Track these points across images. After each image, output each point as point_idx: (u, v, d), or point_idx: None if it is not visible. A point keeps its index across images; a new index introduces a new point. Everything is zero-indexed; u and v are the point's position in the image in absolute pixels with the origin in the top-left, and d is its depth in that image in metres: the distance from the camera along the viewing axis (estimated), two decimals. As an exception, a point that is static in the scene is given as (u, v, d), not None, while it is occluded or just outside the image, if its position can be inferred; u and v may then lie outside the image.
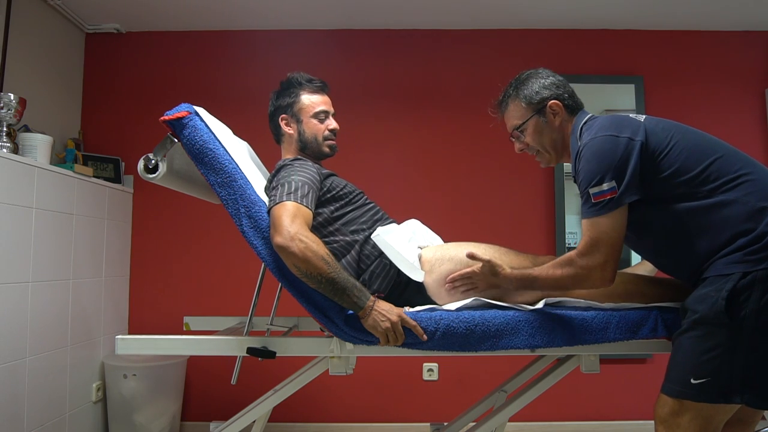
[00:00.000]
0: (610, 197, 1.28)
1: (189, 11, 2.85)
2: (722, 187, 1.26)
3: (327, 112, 1.76)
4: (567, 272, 1.34)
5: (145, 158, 1.52)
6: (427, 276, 1.52)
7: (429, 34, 3.06)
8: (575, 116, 1.49)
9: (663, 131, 1.32)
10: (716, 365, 1.21)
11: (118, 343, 1.49)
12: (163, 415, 2.60)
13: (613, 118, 1.36)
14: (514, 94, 1.54)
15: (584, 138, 1.37)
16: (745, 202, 1.24)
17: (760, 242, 1.21)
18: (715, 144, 1.33)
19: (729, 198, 1.25)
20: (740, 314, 1.19)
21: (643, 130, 1.31)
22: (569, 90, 1.51)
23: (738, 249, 1.23)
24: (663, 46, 3.04)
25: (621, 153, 1.28)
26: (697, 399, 1.22)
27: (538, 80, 1.51)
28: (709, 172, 1.27)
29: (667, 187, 1.30)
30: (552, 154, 1.53)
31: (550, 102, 1.48)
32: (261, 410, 1.66)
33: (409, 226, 1.69)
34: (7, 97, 2.14)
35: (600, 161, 1.29)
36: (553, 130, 1.49)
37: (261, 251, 1.44)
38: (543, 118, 1.49)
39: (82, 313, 2.49)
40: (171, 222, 2.95)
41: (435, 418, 2.74)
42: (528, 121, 1.51)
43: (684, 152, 1.29)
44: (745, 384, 1.19)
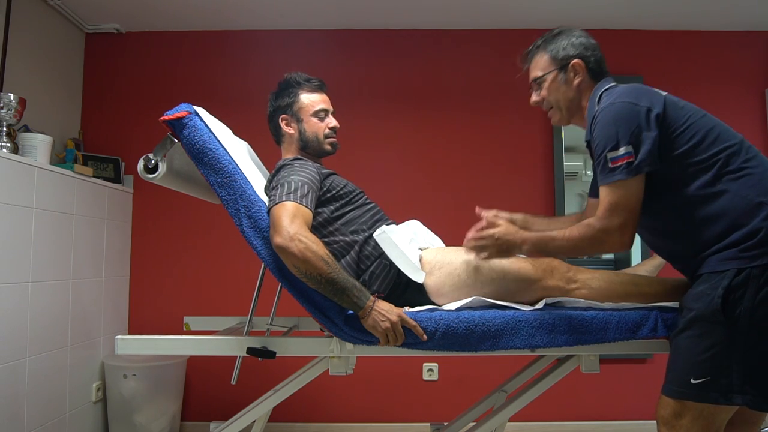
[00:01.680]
0: (627, 161, 1.27)
1: (189, 11, 2.85)
2: (726, 176, 1.26)
3: (327, 110, 1.76)
4: (585, 234, 1.32)
5: (145, 158, 1.52)
6: (428, 277, 1.52)
7: (429, 34, 3.06)
8: (597, 82, 1.48)
9: (682, 109, 1.31)
10: (715, 364, 1.21)
11: (118, 343, 1.49)
12: (163, 415, 2.60)
13: (635, 87, 1.35)
14: (542, 46, 1.53)
15: (603, 103, 1.36)
16: (745, 195, 1.24)
17: (753, 238, 1.21)
18: (729, 133, 1.31)
19: (730, 188, 1.25)
20: (736, 312, 1.19)
21: (662, 103, 1.30)
22: (597, 55, 1.49)
23: (732, 244, 1.23)
24: (663, 46, 3.04)
25: (638, 120, 1.27)
26: (697, 399, 1.22)
27: (568, 38, 1.50)
28: (717, 159, 1.26)
29: (675, 167, 1.29)
30: (564, 113, 1.51)
31: (574, 61, 1.47)
32: (261, 410, 1.66)
33: (409, 226, 1.69)
34: (7, 97, 2.14)
35: (617, 126, 1.28)
36: (570, 89, 1.48)
37: (261, 251, 1.44)
38: (564, 74, 1.48)
39: (82, 313, 2.49)
40: (171, 222, 2.95)
41: (435, 418, 2.74)
42: (548, 74, 1.50)
43: (698, 134, 1.28)
44: (746, 383, 1.18)
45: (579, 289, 1.49)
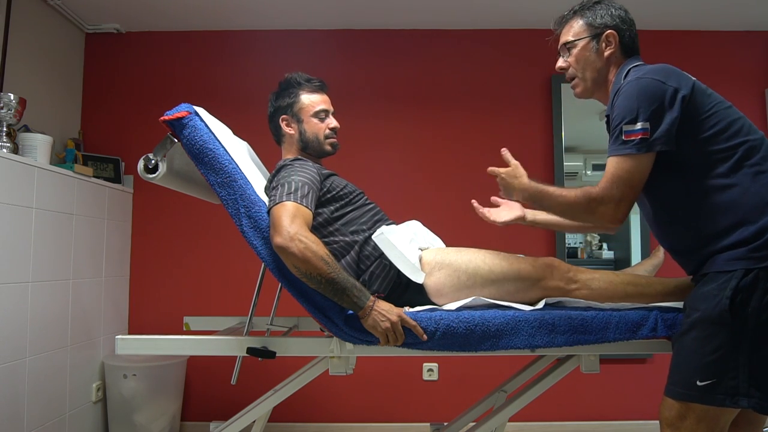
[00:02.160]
0: (641, 137, 1.25)
1: (189, 11, 2.85)
2: (742, 170, 1.24)
3: (327, 110, 1.76)
4: (580, 198, 1.32)
5: (145, 158, 1.52)
6: (427, 278, 1.52)
7: (429, 34, 3.06)
8: (627, 58, 1.45)
9: (709, 97, 1.30)
10: (722, 366, 1.19)
11: (118, 343, 1.49)
12: (163, 415, 2.60)
13: (665, 67, 1.33)
14: (580, 12, 1.49)
15: (630, 77, 1.33)
16: (757, 192, 1.22)
17: (761, 238, 1.19)
18: (752, 128, 1.30)
19: (744, 182, 1.23)
20: (743, 313, 1.18)
21: (690, 86, 1.28)
22: (633, 31, 1.47)
23: (740, 243, 1.21)
24: (663, 46, 3.04)
25: (663, 99, 1.25)
26: (703, 401, 1.20)
27: (607, 8, 1.47)
28: (737, 151, 1.25)
29: (693, 154, 1.27)
30: (588, 84, 1.47)
31: (608, 31, 1.44)
32: (261, 410, 1.66)
33: (409, 227, 1.69)
34: (7, 97, 2.14)
35: (639, 100, 1.26)
36: (600, 59, 1.45)
37: (261, 251, 1.44)
38: (596, 43, 1.45)
39: (82, 313, 2.49)
40: (171, 222, 2.95)
41: (435, 418, 2.75)
42: (580, 40, 1.46)
43: (722, 123, 1.26)
44: (752, 386, 1.17)
45: (579, 290, 1.49)
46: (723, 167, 1.25)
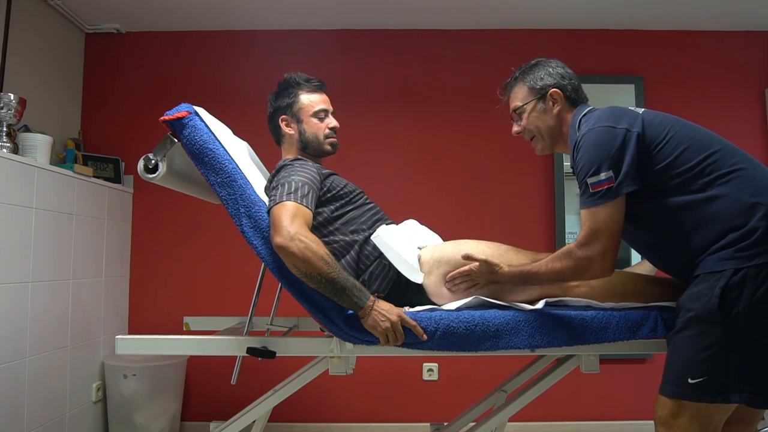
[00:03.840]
0: (607, 186, 1.29)
1: (189, 11, 2.85)
2: (716, 182, 1.27)
3: (326, 110, 1.76)
4: (566, 264, 1.35)
5: (145, 158, 1.52)
6: (426, 277, 1.52)
7: (429, 34, 3.06)
8: (576, 108, 1.50)
9: (660, 124, 1.33)
10: (713, 364, 1.21)
11: (118, 343, 1.49)
12: (163, 415, 2.60)
13: (611, 110, 1.37)
14: (521, 77, 1.56)
15: (582, 129, 1.38)
16: (738, 198, 1.25)
17: (750, 238, 1.21)
18: (712, 138, 1.33)
19: (722, 192, 1.26)
20: (733, 311, 1.20)
21: (640, 121, 1.32)
22: (574, 83, 1.52)
23: (729, 245, 1.23)
24: (663, 46, 3.04)
25: (618, 144, 1.29)
26: (695, 399, 1.22)
27: (545, 68, 1.54)
28: (704, 166, 1.28)
29: (662, 180, 1.30)
30: (547, 141, 1.54)
31: (551, 90, 1.50)
32: (261, 410, 1.66)
33: (407, 226, 1.69)
34: (7, 97, 2.14)
35: (598, 152, 1.31)
36: (550, 117, 1.51)
37: (261, 251, 1.44)
38: (542, 104, 1.51)
39: (82, 313, 2.49)
40: (171, 222, 2.95)
41: (435, 418, 2.75)
42: (527, 104, 1.53)
43: (681, 145, 1.30)
44: (743, 382, 1.19)
45: (579, 287, 1.49)
46: (697, 183, 1.28)
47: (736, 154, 1.30)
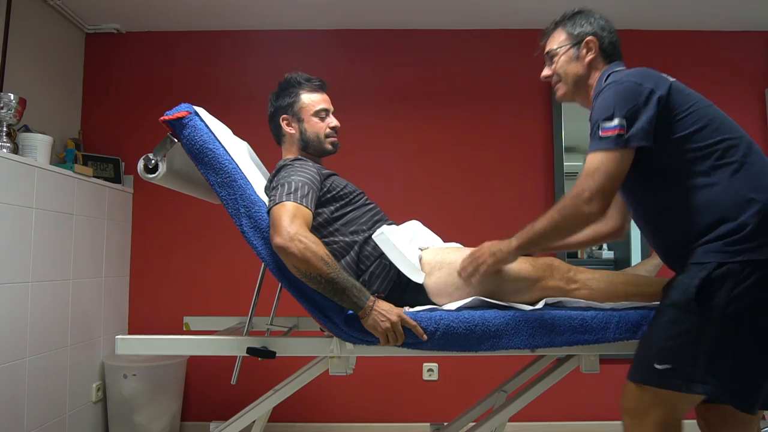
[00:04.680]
0: (617, 133, 1.27)
1: (189, 11, 2.85)
2: (722, 168, 1.26)
3: (327, 110, 1.77)
4: (561, 207, 1.32)
5: (145, 158, 1.52)
6: (427, 278, 1.52)
7: (429, 34, 3.06)
8: (609, 63, 1.49)
9: (688, 96, 1.32)
10: (681, 352, 1.21)
11: (118, 343, 1.49)
12: (163, 415, 2.60)
13: (642, 70, 1.36)
14: (561, 22, 1.55)
15: (609, 81, 1.38)
16: (737, 190, 1.24)
17: (739, 233, 1.21)
18: (732, 126, 1.31)
19: (724, 180, 1.25)
20: (710, 304, 1.20)
21: (667, 86, 1.31)
22: (613, 38, 1.51)
23: (718, 237, 1.23)
24: (663, 46, 3.04)
25: (641, 100, 1.28)
26: (659, 385, 1.23)
27: (587, 17, 1.52)
28: (716, 149, 1.27)
29: (674, 153, 1.29)
30: (570, 87, 1.51)
31: (588, 37, 1.48)
32: (261, 410, 1.66)
33: (409, 227, 1.69)
34: (7, 97, 2.14)
35: (617, 99, 1.29)
36: (581, 65, 1.49)
37: (261, 251, 1.44)
38: (576, 50, 1.50)
39: (82, 313, 2.49)
40: (171, 222, 2.95)
41: (435, 418, 2.74)
42: (561, 48, 1.51)
43: (700, 121, 1.28)
44: (708, 373, 1.19)
45: (579, 290, 1.49)
46: (702, 166, 1.27)
47: (751, 147, 1.29)
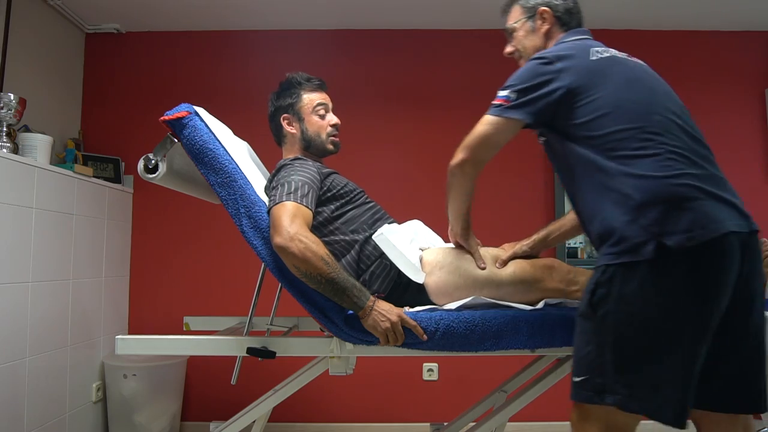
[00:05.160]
0: (500, 103, 1.30)
1: (189, 11, 2.85)
2: (611, 161, 1.20)
3: (325, 104, 1.77)
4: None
5: (145, 158, 1.52)
6: (428, 277, 1.51)
7: (429, 34, 3.06)
8: (567, 32, 1.46)
9: (602, 78, 1.26)
10: (591, 362, 1.18)
11: (118, 343, 1.49)
12: (163, 415, 2.60)
13: (569, 46, 1.34)
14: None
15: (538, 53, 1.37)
16: (618, 188, 1.18)
17: (618, 235, 1.16)
18: (637, 113, 1.22)
19: (610, 174, 1.20)
20: (602, 310, 1.16)
21: (582, 69, 1.27)
22: (569, 5, 1.48)
23: (604, 237, 1.19)
24: (663, 46, 3.04)
25: (539, 78, 1.28)
26: (578, 398, 1.20)
27: None
28: (609, 140, 1.21)
29: (575, 140, 1.26)
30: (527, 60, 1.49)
31: (541, 8, 1.48)
32: (261, 410, 1.66)
33: (410, 226, 1.69)
34: (7, 97, 2.14)
35: (521, 72, 1.31)
36: (538, 37, 1.49)
37: (261, 251, 1.44)
38: (532, 22, 1.50)
39: (82, 313, 2.49)
40: (171, 222, 2.95)
41: (435, 418, 2.74)
42: (518, 23, 1.52)
43: (602, 108, 1.23)
44: (618, 382, 1.14)
45: (579, 291, 1.47)
46: (597, 157, 1.22)
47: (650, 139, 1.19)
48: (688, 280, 1.11)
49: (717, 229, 1.11)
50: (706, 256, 1.11)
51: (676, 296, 1.11)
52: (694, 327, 1.11)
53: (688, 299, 1.11)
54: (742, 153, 2.99)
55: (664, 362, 1.12)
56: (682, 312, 1.11)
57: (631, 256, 1.13)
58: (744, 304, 1.16)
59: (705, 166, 1.19)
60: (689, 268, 1.11)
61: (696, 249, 1.10)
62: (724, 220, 1.12)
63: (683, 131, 1.23)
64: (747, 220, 1.17)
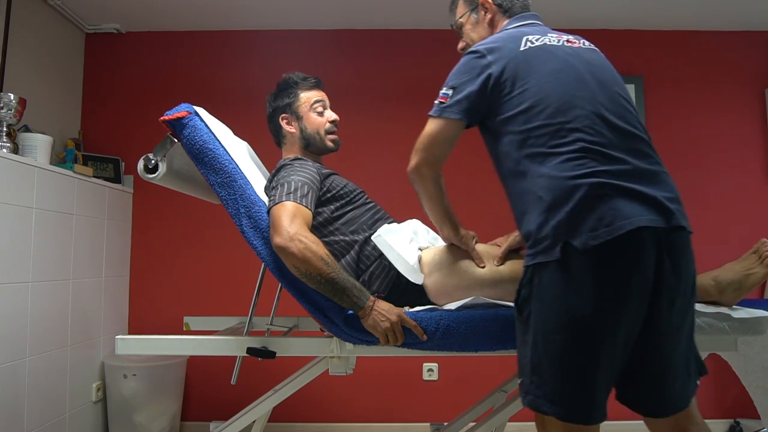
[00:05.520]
0: (439, 102, 1.31)
1: (189, 11, 2.85)
2: (529, 158, 1.18)
3: (323, 101, 1.77)
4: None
5: (145, 158, 1.52)
6: (427, 278, 1.51)
7: (429, 34, 3.06)
8: (510, 18, 1.43)
9: (530, 70, 1.22)
10: (520, 363, 1.18)
11: (118, 343, 1.49)
12: (163, 415, 2.60)
13: (502, 36, 1.32)
14: None
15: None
16: (530, 187, 1.17)
17: (532, 237, 1.16)
18: (562, 109, 1.17)
19: (529, 172, 1.18)
20: (526, 310, 1.17)
21: (508, 60, 1.24)
22: None
23: (528, 240, 1.18)
24: (663, 46, 3.04)
25: (471, 72, 1.27)
26: (524, 404, 1.18)
27: None
28: (530, 135, 1.18)
29: (501, 135, 1.26)
30: None
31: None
32: (261, 410, 1.66)
33: (410, 226, 1.69)
34: (7, 97, 2.14)
35: (457, 68, 1.31)
36: (483, 27, 1.48)
37: (261, 251, 1.44)
38: (476, 14, 1.49)
39: (82, 313, 2.49)
40: (171, 222, 2.95)
41: (435, 418, 2.74)
42: (463, 17, 1.52)
43: (526, 102, 1.20)
44: (533, 383, 1.13)
45: None
46: (518, 153, 1.20)
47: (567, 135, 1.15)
48: (595, 279, 1.08)
49: (623, 226, 1.06)
50: (613, 253, 1.07)
51: (583, 296, 1.08)
52: (602, 326, 1.08)
53: (595, 298, 1.07)
54: (742, 153, 2.99)
55: (573, 363, 1.10)
56: (590, 311, 1.08)
57: (544, 257, 1.12)
58: (665, 302, 1.11)
59: (629, 160, 1.14)
60: (596, 266, 1.08)
61: (602, 247, 1.07)
62: (634, 216, 1.08)
63: (608, 125, 1.17)
64: (666, 216, 1.10)
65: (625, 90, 1.28)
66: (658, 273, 1.09)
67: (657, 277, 1.09)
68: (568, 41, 1.31)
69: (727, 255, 1.68)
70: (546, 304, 1.12)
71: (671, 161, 3.36)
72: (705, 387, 2.89)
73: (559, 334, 1.10)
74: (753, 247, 1.49)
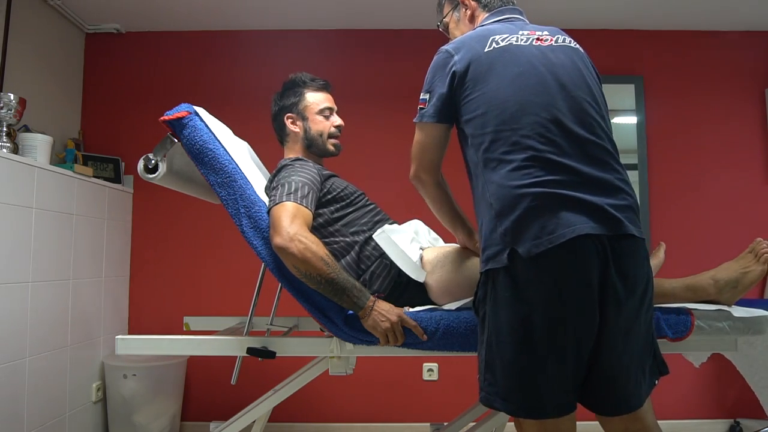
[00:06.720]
0: (420, 107, 1.31)
1: (189, 11, 2.85)
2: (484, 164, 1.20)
3: (331, 108, 1.79)
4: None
5: (145, 158, 1.52)
6: (429, 276, 1.51)
7: (429, 34, 3.05)
8: (490, 12, 1.43)
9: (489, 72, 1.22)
10: (480, 362, 1.21)
11: (118, 343, 1.49)
12: (163, 415, 2.60)
13: (467, 37, 1.30)
14: None
15: None
16: (482, 194, 1.21)
17: (487, 243, 1.18)
18: (513, 114, 1.17)
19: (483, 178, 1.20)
20: (481, 311, 1.21)
21: (468, 62, 1.23)
22: None
23: (482, 245, 1.21)
24: (663, 46, 3.04)
25: (440, 73, 1.28)
26: (479, 400, 1.20)
27: None
28: (481, 141, 1.20)
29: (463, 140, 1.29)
30: None
31: None
32: (261, 410, 1.66)
33: (411, 226, 1.69)
34: (7, 97, 2.14)
35: (429, 70, 1.32)
36: (465, 24, 1.48)
37: (261, 251, 1.44)
38: (458, 12, 1.49)
39: (82, 313, 2.49)
40: (171, 222, 2.95)
41: (435, 418, 2.74)
42: (447, 16, 1.52)
43: (481, 107, 1.21)
44: (486, 381, 1.17)
45: None
46: (477, 159, 1.22)
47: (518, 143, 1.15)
48: (538, 285, 1.11)
49: (564, 234, 1.08)
50: (554, 261, 1.10)
51: (528, 301, 1.11)
52: (545, 330, 1.11)
53: (538, 304, 1.10)
54: (742, 153, 2.99)
55: (520, 363, 1.13)
56: (534, 316, 1.11)
57: (494, 263, 1.15)
58: (612, 306, 1.12)
59: (579, 168, 1.14)
60: (539, 273, 1.10)
61: (544, 255, 1.09)
62: (576, 225, 1.09)
63: (563, 132, 1.16)
64: (611, 224, 1.11)
65: (595, 93, 1.27)
66: (603, 279, 1.11)
67: (602, 282, 1.11)
68: (538, 39, 1.28)
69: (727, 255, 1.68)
70: (497, 306, 1.16)
71: (671, 161, 3.37)
72: (705, 387, 2.89)
73: (509, 335, 1.13)
74: (749, 246, 1.51)
